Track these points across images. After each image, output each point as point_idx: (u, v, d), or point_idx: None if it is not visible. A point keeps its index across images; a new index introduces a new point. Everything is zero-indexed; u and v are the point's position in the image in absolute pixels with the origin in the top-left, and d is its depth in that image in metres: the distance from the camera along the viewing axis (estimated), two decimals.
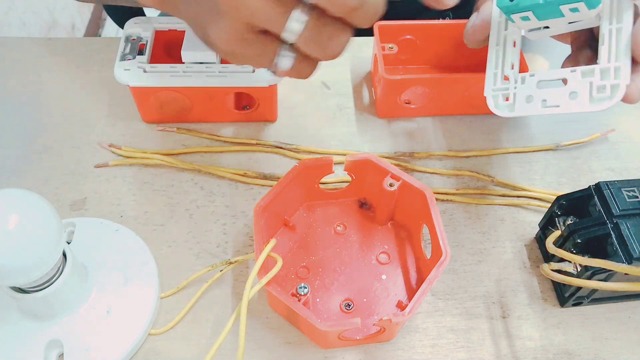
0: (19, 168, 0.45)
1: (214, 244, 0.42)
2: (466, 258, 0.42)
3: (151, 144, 0.47)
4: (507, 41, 0.38)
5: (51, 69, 0.52)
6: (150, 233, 0.42)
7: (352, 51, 0.55)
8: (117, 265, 0.39)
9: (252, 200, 0.44)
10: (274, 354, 0.37)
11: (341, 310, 0.39)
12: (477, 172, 0.46)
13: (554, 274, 0.37)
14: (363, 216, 0.44)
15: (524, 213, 0.45)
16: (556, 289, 0.40)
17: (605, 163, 0.48)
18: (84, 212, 0.43)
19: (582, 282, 0.35)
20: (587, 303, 0.40)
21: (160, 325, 0.38)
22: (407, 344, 0.38)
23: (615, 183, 0.38)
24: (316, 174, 0.41)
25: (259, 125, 0.49)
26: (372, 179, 0.41)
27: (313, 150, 0.47)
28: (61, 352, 0.35)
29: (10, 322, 0.35)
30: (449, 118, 0.50)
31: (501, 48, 0.38)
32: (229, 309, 0.39)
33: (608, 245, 0.36)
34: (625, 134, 0.50)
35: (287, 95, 0.51)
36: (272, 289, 0.34)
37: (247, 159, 0.47)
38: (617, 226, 0.36)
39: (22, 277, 0.30)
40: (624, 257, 0.35)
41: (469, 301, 0.40)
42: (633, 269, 0.33)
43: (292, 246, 0.41)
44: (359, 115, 0.50)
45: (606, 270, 0.35)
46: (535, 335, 0.39)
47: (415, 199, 0.39)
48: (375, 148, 0.48)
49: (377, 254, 0.41)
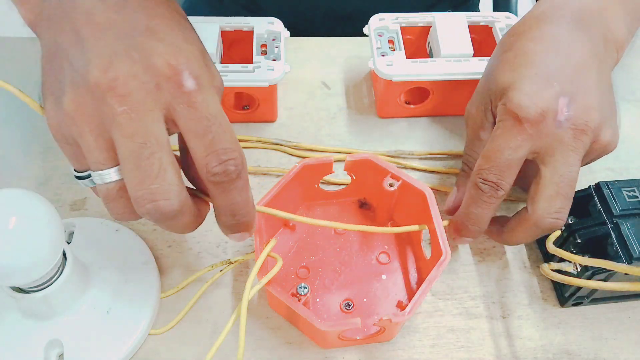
0: (19, 168, 0.45)
1: (214, 244, 0.42)
2: (466, 258, 0.42)
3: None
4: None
5: None
6: (150, 233, 0.42)
7: (352, 51, 0.55)
8: (117, 265, 0.39)
9: None
10: (274, 354, 0.37)
11: (341, 310, 0.39)
12: None
13: (554, 274, 0.37)
14: (363, 216, 0.43)
15: None
16: (556, 288, 0.40)
17: (605, 163, 0.48)
18: (84, 212, 0.43)
19: (582, 282, 0.35)
20: (587, 303, 0.40)
21: (160, 325, 0.38)
22: (407, 344, 0.38)
23: (615, 183, 0.38)
24: (316, 174, 0.41)
25: (259, 125, 0.49)
26: (372, 179, 0.41)
27: (313, 148, 0.47)
28: (61, 352, 0.35)
29: (10, 322, 0.35)
30: (449, 118, 0.50)
31: None
32: (229, 309, 0.39)
33: (608, 245, 0.36)
34: (625, 135, 0.50)
35: (287, 95, 0.51)
36: (272, 289, 0.34)
37: (247, 157, 0.46)
38: (617, 226, 0.36)
39: (22, 277, 0.30)
40: (624, 257, 0.35)
41: (469, 301, 0.40)
42: (633, 269, 0.33)
43: (292, 246, 0.41)
44: (359, 115, 0.50)
45: (606, 270, 0.35)
46: (535, 335, 0.39)
47: (415, 198, 0.39)
48: (376, 148, 0.48)
49: (377, 254, 0.41)
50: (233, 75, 0.44)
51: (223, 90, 0.31)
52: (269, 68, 0.44)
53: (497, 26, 0.49)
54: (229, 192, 0.29)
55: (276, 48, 0.46)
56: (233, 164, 0.28)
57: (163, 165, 0.27)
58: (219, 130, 0.28)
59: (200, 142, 0.28)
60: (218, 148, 0.28)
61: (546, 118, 0.34)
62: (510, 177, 0.35)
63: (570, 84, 0.35)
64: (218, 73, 0.31)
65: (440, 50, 0.46)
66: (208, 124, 0.28)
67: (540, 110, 0.34)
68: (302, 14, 0.61)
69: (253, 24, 0.47)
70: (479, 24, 0.49)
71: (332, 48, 0.55)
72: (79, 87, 0.27)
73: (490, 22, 0.49)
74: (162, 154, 0.27)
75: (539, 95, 0.34)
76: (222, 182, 0.29)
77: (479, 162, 0.36)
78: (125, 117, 0.27)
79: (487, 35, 0.50)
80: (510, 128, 0.35)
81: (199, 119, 0.28)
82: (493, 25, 0.49)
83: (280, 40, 0.47)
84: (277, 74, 0.44)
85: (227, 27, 0.47)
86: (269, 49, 0.46)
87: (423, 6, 0.64)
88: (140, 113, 0.27)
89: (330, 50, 0.55)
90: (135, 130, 0.27)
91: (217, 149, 0.28)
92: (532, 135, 0.34)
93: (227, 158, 0.28)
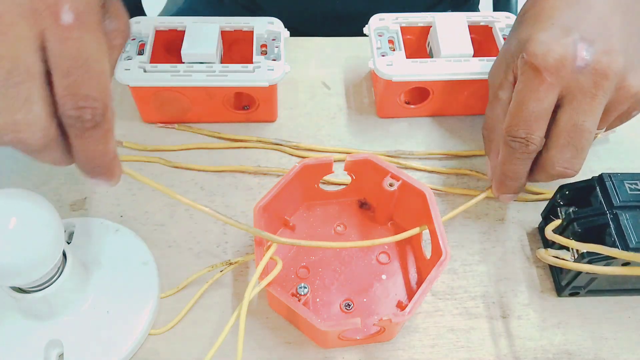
0: (19, 168, 0.45)
1: (214, 244, 0.42)
2: (466, 258, 0.42)
3: (151, 144, 0.47)
4: None
5: None
6: (150, 233, 0.42)
7: (352, 51, 0.55)
8: (117, 265, 0.39)
9: (252, 200, 0.44)
10: (274, 354, 0.37)
11: (341, 310, 0.39)
12: (477, 172, 0.46)
13: (550, 257, 0.37)
14: (363, 216, 0.44)
15: (524, 213, 0.45)
16: (553, 276, 0.41)
17: (605, 163, 0.48)
18: (84, 212, 0.43)
19: (576, 266, 0.36)
20: (584, 294, 0.40)
21: (160, 325, 0.38)
22: (407, 344, 0.38)
23: (618, 175, 0.38)
24: (316, 174, 0.41)
25: (259, 125, 0.49)
26: (372, 179, 0.41)
27: (313, 148, 0.47)
28: (61, 352, 0.35)
29: (10, 322, 0.35)
30: (449, 118, 0.50)
31: None
32: (229, 309, 0.39)
33: (606, 235, 0.36)
34: (625, 135, 0.50)
35: (287, 95, 0.51)
36: (272, 289, 0.34)
37: (246, 157, 0.47)
38: (616, 217, 0.36)
39: (22, 277, 0.30)
40: (621, 246, 0.35)
41: (469, 301, 0.40)
42: (625, 254, 0.34)
43: (292, 246, 0.41)
44: (359, 115, 0.50)
45: (602, 259, 0.35)
46: (535, 335, 0.39)
47: (415, 199, 0.39)
48: (375, 148, 0.48)
49: (377, 254, 0.41)
50: (233, 75, 0.44)
51: (128, 36, 0.30)
52: (269, 68, 0.44)
53: (497, 26, 0.49)
54: (85, 139, 0.28)
55: (276, 48, 0.46)
56: (90, 112, 0.27)
57: (31, 97, 0.26)
58: (84, 75, 0.26)
59: (60, 81, 0.26)
60: (78, 92, 0.26)
61: (565, 65, 0.33)
62: (540, 129, 0.35)
63: (591, 30, 0.34)
64: (123, 17, 0.29)
65: (440, 50, 0.46)
66: (74, 65, 0.26)
67: (557, 56, 0.33)
68: (302, 14, 0.61)
69: (253, 24, 0.47)
70: (479, 24, 0.49)
71: (332, 48, 0.55)
72: None
73: (490, 22, 0.49)
74: (31, 84, 0.26)
75: (556, 42, 0.34)
76: (75, 126, 0.27)
77: (507, 120, 0.36)
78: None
79: (487, 35, 0.50)
80: (531, 80, 0.34)
81: (65, 58, 0.26)
82: (493, 25, 0.49)
83: (280, 40, 0.47)
84: (277, 74, 0.44)
85: (227, 27, 0.47)
86: (269, 49, 0.46)
87: (423, 6, 0.64)
88: (10, 36, 0.25)
89: (330, 50, 0.55)
90: (2, 55, 0.25)
91: (77, 93, 0.26)
92: (553, 83, 0.34)
93: (85, 105, 0.27)
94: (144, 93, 0.45)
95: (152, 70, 0.43)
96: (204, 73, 0.44)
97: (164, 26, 0.47)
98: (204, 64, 0.44)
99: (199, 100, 0.46)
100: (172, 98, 0.46)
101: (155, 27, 0.47)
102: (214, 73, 0.44)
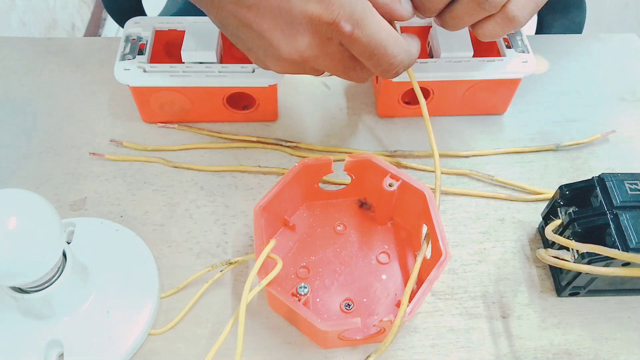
0: (19, 168, 0.45)
1: (214, 244, 0.42)
2: (466, 258, 0.42)
3: (151, 144, 0.47)
4: None
5: (51, 69, 0.52)
6: (150, 233, 0.42)
7: None
8: (117, 265, 0.39)
9: (252, 200, 0.44)
10: (274, 354, 0.37)
11: (341, 310, 0.39)
12: (477, 171, 0.46)
13: (550, 258, 0.37)
14: (363, 216, 0.44)
15: (524, 213, 0.45)
16: (553, 276, 0.41)
17: (605, 164, 0.48)
18: (84, 212, 0.43)
19: (576, 267, 0.36)
20: (584, 294, 0.40)
21: (160, 325, 0.38)
22: (407, 344, 0.38)
23: (618, 175, 0.38)
24: (316, 174, 0.41)
25: (259, 125, 0.49)
26: (372, 179, 0.41)
27: (313, 148, 0.47)
28: (61, 352, 0.35)
29: (10, 322, 0.35)
30: (449, 118, 0.50)
31: None
32: (229, 309, 0.39)
33: (606, 236, 0.36)
34: (625, 135, 0.50)
35: (287, 95, 0.51)
36: (272, 289, 0.34)
37: (246, 157, 0.47)
38: (616, 217, 0.36)
39: (22, 277, 0.30)
40: (621, 247, 0.35)
41: (469, 301, 0.40)
42: (624, 255, 0.34)
43: (292, 246, 0.41)
44: (359, 115, 0.50)
45: (602, 260, 0.35)
46: (535, 335, 0.39)
47: (415, 199, 0.39)
48: (375, 148, 0.48)
49: (377, 254, 0.41)
50: (233, 76, 0.44)
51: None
52: None
53: None
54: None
55: None
56: (400, 70, 0.35)
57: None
58: (381, 53, 0.34)
59: (369, 63, 0.34)
60: (384, 65, 0.34)
61: None
62: None
63: None
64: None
65: (440, 50, 0.46)
66: (369, 52, 0.33)
67: None
68: None
69: None
70: None
71: None
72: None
73: None
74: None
75: None
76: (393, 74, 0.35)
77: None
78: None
79: None
80: None
81: (361, 52, 0.34)
82: None
83: None
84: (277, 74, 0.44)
85: None
86: None
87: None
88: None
89: None
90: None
91: (384, 66, 0.34)
92: None
93: (397, 71, 0.35)
94: (144, 93, 0.45)
95: (152, 70, 0.43)
96: (203, 73, 0.44)
97: (164, 26, 0.47)
98: (204, 64, 0.44)
99: (199, 100, 0.46)
100: (172, 98, 0.46)
101: (155, 27, 0.47)
102: (214, 73, 0.44)
